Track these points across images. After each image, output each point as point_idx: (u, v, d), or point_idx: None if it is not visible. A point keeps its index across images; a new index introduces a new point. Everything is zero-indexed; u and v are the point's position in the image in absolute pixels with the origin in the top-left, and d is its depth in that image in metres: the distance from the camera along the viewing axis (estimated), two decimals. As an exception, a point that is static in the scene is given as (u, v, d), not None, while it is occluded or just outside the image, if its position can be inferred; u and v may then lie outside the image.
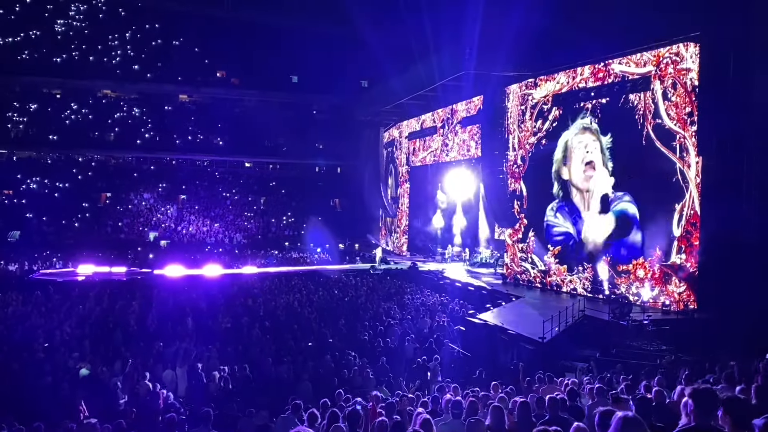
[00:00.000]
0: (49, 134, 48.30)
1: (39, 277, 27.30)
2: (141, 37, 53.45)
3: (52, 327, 16.89)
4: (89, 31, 52.19)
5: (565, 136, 23.03)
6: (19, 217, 42.92)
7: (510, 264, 26.16)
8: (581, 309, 17.87)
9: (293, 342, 15.62)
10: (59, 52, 50.12)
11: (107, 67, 51.00)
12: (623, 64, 20.42)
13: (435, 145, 35.02)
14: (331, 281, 26.76)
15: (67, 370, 12.87)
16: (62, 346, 14.83)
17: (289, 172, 55.16)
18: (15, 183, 45.93)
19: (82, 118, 49.86)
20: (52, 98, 50.46)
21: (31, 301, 20.61)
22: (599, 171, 21.49)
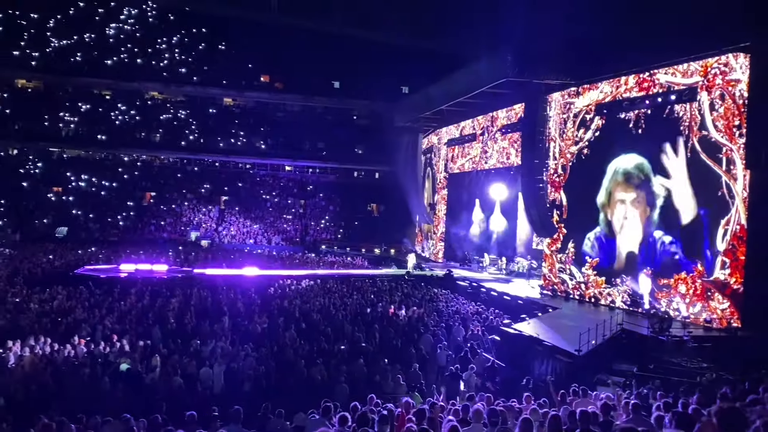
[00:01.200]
0: (98, 134, 49.85)
1: (83, 272, 28.09)
2: (188, 42, 54.80)
3: (94, 322, 17.37)
4: (139, 35, 53.74)
5: (608, 180, 22.57)
6: (67, 214, 44.34)
7: (548, 274, 25.83)
8: (619, 322, 17.51)
9: (326, 345, 15.73)
10: (110, 55, 51.75)
11: (155, 70, 52.45)
12: (669, 74, 19.99)
13: (474, 153, 34.85)
14: (366, 285, 26.83)
15: (107, 364, 13.22)
16: (104, 341, 15.25)
17: (327, 176, 55.66)
18: (64, 180, 47.49)
19: (130, 118, 51.30)
20: (102, 99, 52.08)
21: (75, 296, 21.21)
22: (637, 229, 21.22)
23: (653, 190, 20.42)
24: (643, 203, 20.98)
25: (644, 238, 20.84)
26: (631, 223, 21.43)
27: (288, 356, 14.46)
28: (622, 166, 21.92)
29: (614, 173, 22.37)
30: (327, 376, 13.00)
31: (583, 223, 23.82)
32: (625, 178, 21.78)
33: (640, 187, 21.09)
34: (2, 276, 24.81)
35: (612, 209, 22.47)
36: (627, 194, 21.73)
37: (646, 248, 20.68)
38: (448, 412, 8.82)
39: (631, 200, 21.49)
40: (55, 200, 45.89)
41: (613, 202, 22.39)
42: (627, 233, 21.68)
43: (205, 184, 51.44)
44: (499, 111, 31.63)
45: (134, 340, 15.51)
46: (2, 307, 18.83)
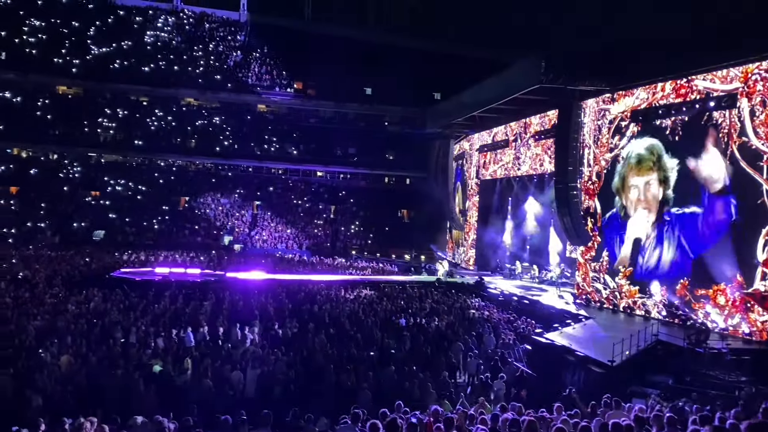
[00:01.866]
0: (135, 139, 50.90)
1: (119, 275, 28.63)
2: (223, 49, 55.67)
3: (129, 324, 17.67)
4: (175, 42, 54.82)
5: (621, 166, 23.07)
6: (104, 217, 45.32)
7: (581, 283, 25.45)
8: (654, 333, 17.14)
9: (356, 351, 15.72)
10: (147, 62, 52.85)
11: (191, 76, 53.37)
12: (708, 80, 19.55)
13: (506, 159, 34.58)
14: (396, 292, 26.79)
15: (141, 366, 13.42)
16: (137, 343, 15.50)
17: (358, 182, 55.87)
18: (102, 184, 48.57)
19: (166, 124, 52.27)
20: (139, 105, 53.20)
21: (111, 298, 21.62)
22: (653, 210, 21.51)
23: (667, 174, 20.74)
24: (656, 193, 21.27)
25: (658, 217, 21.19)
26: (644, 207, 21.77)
27: (318, 361, 14.49)
28: (636, 150, 22.24)
29: (626, 158, 22.83)
30: (356, 382, 12.98)
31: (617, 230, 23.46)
32: (638, 162, 22.11)
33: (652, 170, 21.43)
34: (41, 278, 25.44)
35: (626, 194, 22.89)
36: (639, 179, 22.13)
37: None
38: (477, 421, 8.72)
39: (644, 184, 21.77)
40: (93, 204, 46.95)
41: (627, 188, 22.78)
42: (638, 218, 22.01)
43: (238, 189, 52.08)
44: (532, 117, 31.34)
45: (167, 343, 15.73)
46: (41, 309, 19.29)
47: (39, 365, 12.88)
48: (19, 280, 24.98)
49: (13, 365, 12.82)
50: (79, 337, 15.55)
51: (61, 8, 54.73)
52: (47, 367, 12.70)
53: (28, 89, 50.43)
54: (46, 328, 16.73)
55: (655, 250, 21.42)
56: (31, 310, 18.84)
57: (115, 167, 51.16)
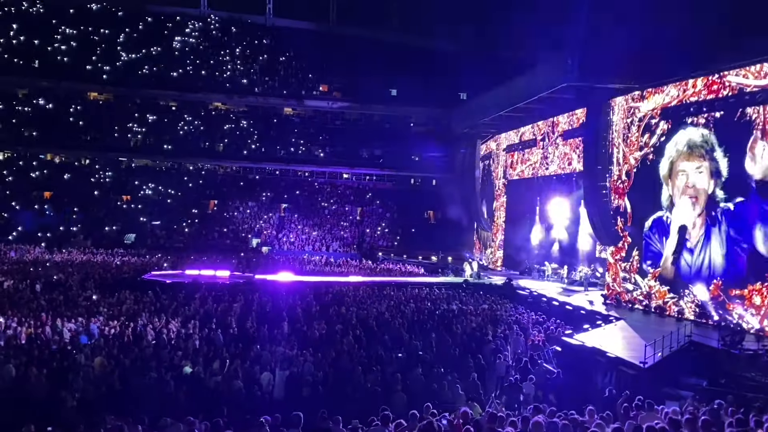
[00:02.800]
0: (164, 144, 51.67)
1: (150, 278, 29.07)
2: (250, 53, 56.22)
3: (160, 326, 17.93)
4: (203, 47, 55.53)
5: (670, 151, 22.05)
6: (135, 221, 46.10)
7: (612, 284, 25.10)
8: (687, 334, 16.80)
9: (383, 352, 15.71)
10: (176, 67, 53.64)
11: (219, 81, 54.02)
12: (740, 75, 19.14)
13: (534, 159, 34.28)
14: (423, 293, 26.73)
15: (172, 367, 13.59)
16: (168, 344, 15.70)
17: (385, 183, 55.90)
18: (133, 188, 49.42)
19: (195, 129, 52.97)
20: (168, 110, 54.02)
21: (142, 300, 21.96)
22: (701, 200, 20.54)
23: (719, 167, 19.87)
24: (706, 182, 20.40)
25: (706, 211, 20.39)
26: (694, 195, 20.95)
27: (345, 363, 14.51)
28: (686, 137, 21.36)
29: (671, 158, 22.01)
30: (384, 384, 12.97)
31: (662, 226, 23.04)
32: (689, 149, 21.18)
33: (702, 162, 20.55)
34: (75, 280, 25.96)
35: (673, 183, 21.92)
36: (688, 164, 21.18)
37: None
38: (507, 423, 8.65)
39: (695, 169, 20.90)
40: (124, 208, 47.79)
41: (675, 175, 21.83)
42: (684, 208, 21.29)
43: (265, 192, 52.52)
44: (560, 116, 31.03)
45: (198, 344, 15.91)
46: (75, 311, 19.68)
47: (73, 366, 13.12)
48: (53, 283, 25.53)
49: (47, 366, 13.07)
50: (113, 339, 15.82)
51: (91, 16, 55.85)
52: (81, 369, 12.93)
53: (60, 96, 51.60)
54: (80, 330, 17.05)
55: (702, 247, 20.75)
56: (65, 313, 19.22)
57: (145, 171, 52.01)
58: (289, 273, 31.89)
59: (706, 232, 20.31)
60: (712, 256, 20.01)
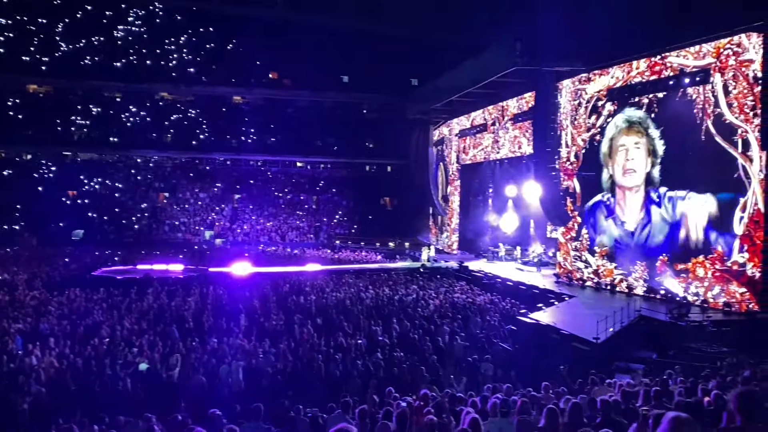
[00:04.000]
0: (110, 136, 50.20)
1: (101, 274, 28.34)
2: (196, 41, 54.93)
3: (113, 323, 17.51)
4: (147, 36, 53.97)
5: (610, 130, 22.92)
6: (83, 216, 44.75)
7: (563, 263, 25.70)
8: (637, 309, 17.40)
9: (344, 339, 15.75)
10: (119, 57, 52.01)
11: (164, 70, 52.63)
12: (681, 56, 19.74)
13: (486, 143, 34.68)
14: (382, 279, 26.85)
15: (127, 364, 13.33)
16: (123, 342, 15.37)
17: (339, 171, 55.68)
18: (78, 183, 47.90)
19: (141, 120, 51.58)
20: (113, 101, 52.37)
21: (94, 298, 21.40)
22: (640, 173, 21.44)
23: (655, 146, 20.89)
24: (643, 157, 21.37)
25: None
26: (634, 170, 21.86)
27: (305, 352, 14.50)
28: (625, 115, 22.23)
29: (611, 136, 22.88)
30: (345, 370, 13.02)
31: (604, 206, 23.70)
32: (628, 125, 22.06)
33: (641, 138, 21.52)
34: (21, 280, 25.07)
35: (613, 160, 22.80)
36: (627, 138, 22.08)
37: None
38: (467, 403, 8.80)
39: (633, 144, 21.80)
40: (70, 203, 46.31)
41: (614, 151, 22.72)
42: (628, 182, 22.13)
43: (217, 182, 51.68)
44: (509, 100, 31.43)
45: (153, 340, 15.62)
46: (23, 311, 19.02)
47: (23, 369, 12.71)
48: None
49: (-5, 370, 12.65)
50: (63, 339, 15.38)
51: (28, 4, 53.52)
52: (32, 371, 12.55)
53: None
54: (29, 331, 16.51)
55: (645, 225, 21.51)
56: (12, 313, 18.57)
57: (91, 165, 50.45)
58: (244, 264, 31.52)
59: (647, 209, 21.18)
60: (654, 233, 20.82)
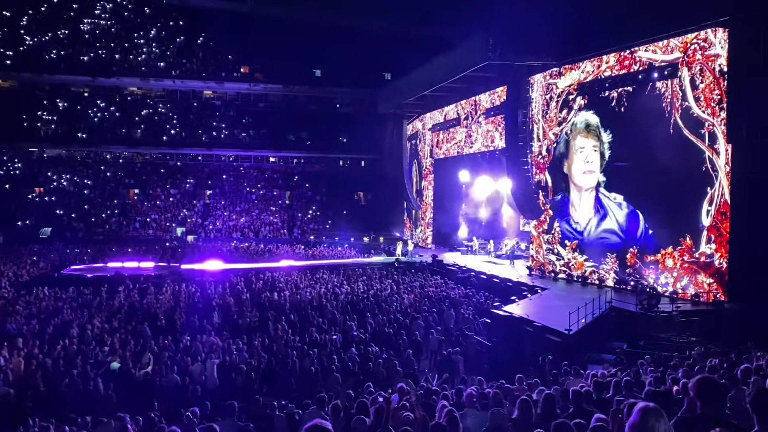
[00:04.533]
0: (78, 132, 49.20)
1: (70, 272, 27.85)
2: (166, 35, 54.11)
3: (83, 322, 17.23)
4: (115, 29, 52.99)
5: (568, 128, 23.73)
6: (50, 214, 43.84)
7: (536, 256, 25.97)
8: (608, 300, 17.67)
9: (318, 335, 15.72)
10: (87, 51, 50.97)
11: (133, 65, 51.76)
12: (649, 51, 20.04)
13: (459, 137, 34.82)
14: (357, 274, 26.84)
15: (98, 364, 13.13)
16: (93, 341, 15.13)
17: (313, 166, 55.44)
18: (46, 180, 46.90)
19: (110, 115, 50.68)
20: (81, 96, 51.34)
21: (63, 297, 21.02)
22: (596, 174, 22.40)
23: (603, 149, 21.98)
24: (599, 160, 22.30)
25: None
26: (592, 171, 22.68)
27: (279, 348, 14.45)
28: (584, 118, 22.92)
29: (572, 125, 23.48)
30: (320, 366, 12.99)
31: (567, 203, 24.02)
32: (587, 128, 22.79)
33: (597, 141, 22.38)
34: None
35: (571, 161, 23.54)
36: (586, 140, 22.89)
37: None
38: (441, 396, 8.85)
39: (592, 147, 22.59)
40: (37, 201, 45.33)
41: (572, 152, 23.45)
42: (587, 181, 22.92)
43: (188, 178, 51.06)
44: (482, 95, 31.58)
45: (125, 339, 15.41)
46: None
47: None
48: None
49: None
50: (32, 339, 15.08)
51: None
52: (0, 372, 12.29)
53: (-41, 84, 48.15)
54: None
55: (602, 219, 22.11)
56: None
57: (59, 162, 49.43)
58: (217, 261, 31.24)
59: (597, 208, 22.14)
60: (604, 231, 21.49)
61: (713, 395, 3.90)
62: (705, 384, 3.93)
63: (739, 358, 10.46)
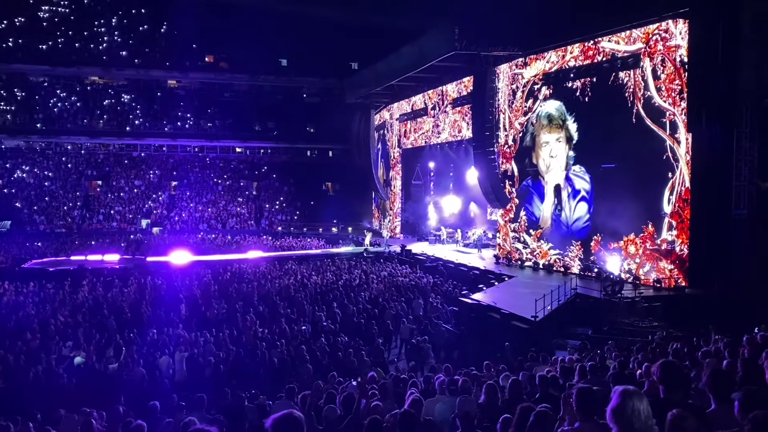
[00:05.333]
0: (37, 122, 47.91)
1: (31, 266, 27.20)
2: (128, 23, 52.93)
3: (46, 316, 16.87)
4: (75, 17, 51.61)
5: (530, 126, 24.07)
6: (10, 207, 42.69)
7: (503, 244, 26.26)
8: (573, 287, 17.97)
9: (287, 326, 15.67)
10: (45, 39, 49.56)
11: (94, 53, 50.53)
12: (612, 41, 20.34)
13: (426, 127, 34.90)
14: (325, 265, 26.79)
15: (61, 359, 12.89)
16: (57, 335, 14.84)
17: (280, 156, 54.97)
18: (4, 172, 45.62)
19: (71, 105, 49.48)
20: (39, 86, 49.96)
21: (24, 291, 20.55)
22: (562, 165, 22.71)
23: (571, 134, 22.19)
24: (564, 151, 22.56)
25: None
26: (557, 162, 23.04)
27: (248, 340, 14.37)
28: (545, 110, 23.21)
29: (537, 117, 23.75)
30: (289, 357, 12.96)
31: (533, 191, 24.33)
32: (549, 120, 23.11)
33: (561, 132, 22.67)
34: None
35: (537, 154, 23.86)
36: (549, 135, 23.22)
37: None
38: (409, 384, 8.92)
39: (555, 139, 22.93)
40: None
41: (538, 146, 23.75)
42: (553, 173, 23.27)
43: (153, 169, 50.18)
44: (449, 84, 31.67)
45: (89, 333, 15.14)
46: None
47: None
48: None
49: None
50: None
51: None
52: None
53: None
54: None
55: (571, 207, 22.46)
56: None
57: (18, 153, 48.08)
58: (183, 253, 30.84)
59: (574, 193, 22.33)
60: (582, 214, 21.82)
61: (675, 379, 3.98)
62: (667, 368, 4.01)
63: (699, 342, 10.78)
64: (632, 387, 3.14)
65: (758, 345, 7.82)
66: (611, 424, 2.99)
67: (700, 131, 17.48)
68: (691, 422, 3.03)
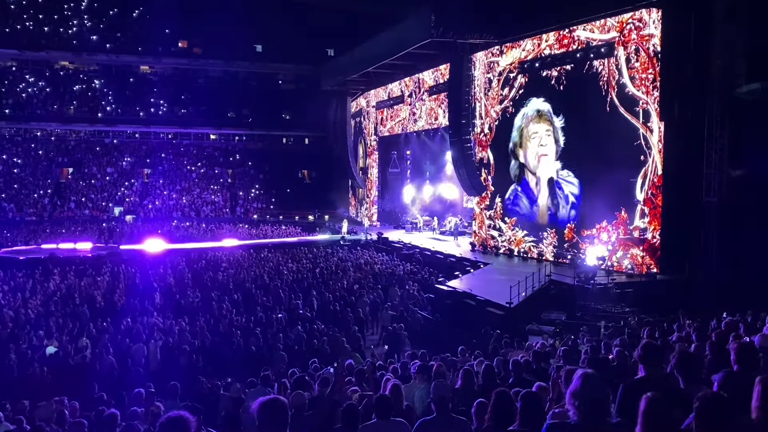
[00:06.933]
0: (5, 108, 46.78)
1: (0, 255, 26.69)
2: (99, 7, 51.74)
3: (16, 306, 16.60)
4: (44, 0, 50.32)
5: (519, 121, 23.71)
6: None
7: (479, 231, 26.43)
8: (547, 274, 18.19)
9: (264, 314, 15.62)
10: (13, 23, 48.27)
11: (64, 37, 49.37)
12: (587, 30, 20.48)
13: (403, 115, 34.87)
14: (302, 253, 26.72)
15: (33, 348, 12.71)
16: (28, 325, 14.62)
17: (255, 143, 54.39)
18: (-29, 159, 44.55)
19: (40, 90, 48.38)
20: (7, 71, 48.76)
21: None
22: (551, 158, 22.38)
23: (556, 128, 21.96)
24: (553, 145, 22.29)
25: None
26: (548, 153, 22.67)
27: (224, 328, 14.30)
28: (534, 107, 22.96)
29: (521, 124, 23.62)
30: (266, 345, 12.94)
31: (509, 180, 24.47)
32: (538, 114, 22.85)
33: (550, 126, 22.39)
34: None
35: (524, 149, 23.56)
36: (538, 126, 22.86)
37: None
38: (388, 370, 8.97)
39: (545, 131, 22.62)
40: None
41: (526, 139, 23.42)
42: (544, 166, 22.86)
43: (125, 156, 49.37)
44: (425, 72, 31.64)
45: (61, 322, 14.94)
46: None
47: None
48: None
49: None
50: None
51: None
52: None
53: None
54: None
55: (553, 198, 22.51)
56: None
57: (-15, 140, 46.97)
58: (157, 241, 30.51)
59: (555, 191, 22.33)
60: (563, 210, 21.97)
61: (654, 357, 4.29)
62: (649, 348, 4.29)
63: (670, 326, 11.00)
64: (591, 371, 3.33)
65: (726, 329, 8.02)
66: (569, 406, 3.15)
67: (672, 120, 17.74)
68: (664, 404, 3.13)
